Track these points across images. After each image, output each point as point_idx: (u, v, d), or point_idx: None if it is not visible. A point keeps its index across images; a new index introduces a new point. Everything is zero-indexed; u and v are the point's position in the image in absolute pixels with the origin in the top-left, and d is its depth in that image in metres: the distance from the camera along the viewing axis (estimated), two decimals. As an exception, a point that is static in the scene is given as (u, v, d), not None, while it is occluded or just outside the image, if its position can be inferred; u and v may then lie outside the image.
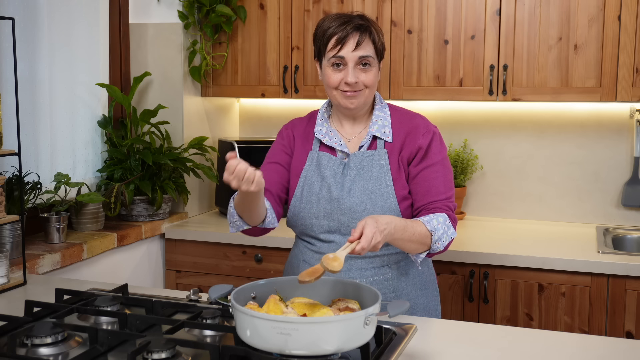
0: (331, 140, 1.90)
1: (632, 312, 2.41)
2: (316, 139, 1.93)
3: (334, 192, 1.84)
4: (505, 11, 2.75)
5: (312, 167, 1.90)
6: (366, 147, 1.88)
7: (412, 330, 1.53)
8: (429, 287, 1.95)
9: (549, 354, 1.48)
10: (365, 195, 1.83)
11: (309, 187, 1.88)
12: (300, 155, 1.94)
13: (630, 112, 2.94)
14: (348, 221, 1.83)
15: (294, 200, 1.90)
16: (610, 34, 2.64)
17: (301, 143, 1.96)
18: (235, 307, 1.32)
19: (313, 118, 1.99)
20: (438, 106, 3.19)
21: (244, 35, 3.11)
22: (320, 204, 1.86)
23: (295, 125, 2.01)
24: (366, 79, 1.82)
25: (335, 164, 1.88)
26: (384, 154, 1.86)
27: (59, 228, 2.43)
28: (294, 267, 1.96)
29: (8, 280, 1.97)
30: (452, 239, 1.81)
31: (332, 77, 1.82)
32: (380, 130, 1.88)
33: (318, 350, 1.26)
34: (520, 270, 2.52)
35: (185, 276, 2.98)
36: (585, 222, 3.06)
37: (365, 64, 1.81)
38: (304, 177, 1.90)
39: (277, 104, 3.40)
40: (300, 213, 1.88)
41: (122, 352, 1.43)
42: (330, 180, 1.86)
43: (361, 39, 1.80)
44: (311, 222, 1.87)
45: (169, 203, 2.97)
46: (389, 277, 1.86)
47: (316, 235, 1.89)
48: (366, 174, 1.85)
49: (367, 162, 1.86)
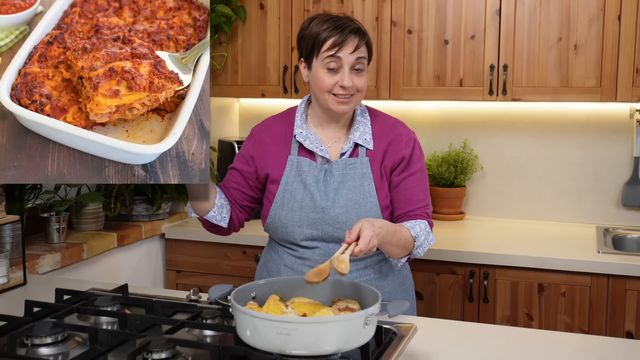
0: (312, 145, 1.87)
1: (632, 312, 2.41)
2: (295, 142, 1.89)
3: (318, 201, 1.83)
4: (505, 11, 2.75)
5: (292, 172, 1.87)
6: (348, 155, 1.87)
7: (412, 330, 1.53)
8: (406, 283, 1.99)
9: (549, 354, 1.48)
10: (349, 205, 1.82)
11: (290, 194, 1.86)
12: (278, 159, 1.91)
13: (630, 112, 2.94)
14: (332, 230, 1.83)
15: (274, 207, 1.88)
16: (610, 34, 2.64)
17: (277, 147, 1.92)
18: (235, 307, 1.32)
19: (290, 118, 1.94)
20: (438, 106, 3.19)
21: (244, 35, 3.11)
22: (304, 212, 1.84)
23: (270, 126, 1.96)
24: (359, 83, 1.80)
25: (316, 170, 1.86)
26: (366, 162, 1.85)
27: (59, 228, 2.43)
28: (272, 271, 1.94)
29: (8, 280, 1.97)
30: (431, 244, 1.86)
31: (326, 80, 1.79)
32: (362, 137, 1.87)
33: (318, 350, 1.26)
34: (520, 270, 2.52)
35: (185, 276, 2.98)
36: (585, 222, 3.06)
37: (360, 68, 1.80)
38: (284, 183, 1.87)
39: (277, 104, 3.40)
40: (281, 220, 1.87)
41: (122, 352, 1.43)
42: (313, 188, 1.84)
43: (360, 43, 1.79)
44: (293, 230, 1.86)
45: (169, 203, 2.97)
46: (372, 277, 1.89)
47: (297, 242, 1.88)
48: (349, 183, 1.84)
49: (349, 170, 1.84)
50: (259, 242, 2.79)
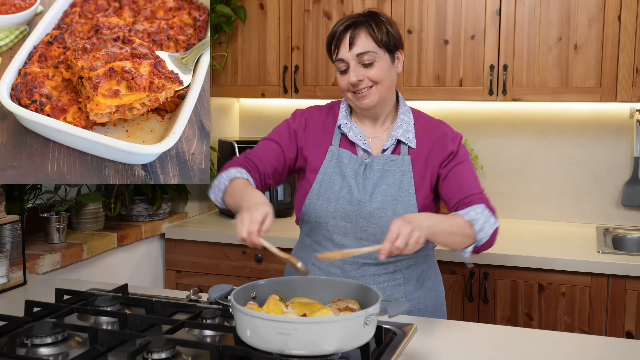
0: (355, 137, 1.84)
1: (632, 312, 2.41)
2: (337, 133, 1.87)
3: (356, 193, 1.80)
4: (505, 11, 2.75)
5: (332, 163, 1.84)
6: (390, 151, 1.84)
7: (412, 330, 1.54)
8: (436, 289, 1.94)
9: (549, 354, 1.48)
10: (387, 200, 1.79)
11: (327, 185, 1.83)
12: (318, 148, 1.88)
13: (630, 112, 2.94)
14: (366, 225, 1.80)
15: (311, 195, 1.84)
16: (610, 34, 2.64)
17: (318, 135, 1.89)
18: (235, 307, 1.32)
19: (334, 109, 1.92)
20: (438, 106, 3.19)
21: (244, 35, 3.11)
22: (339, 204, 1.81)
23: (313, 114, 1.93)
24: (370, 74, 1.76)
25: (357, 164, 1.82)
26: (408, 160, 1.82)
27: (59, 228, 2.43)
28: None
29: (8, 280, 1.97)
30: (495, 228, 1.75)
31: (340, 82, 1.81)
32: (405, 135, 1.83)
33: (318, 350, 1.26)
34: (520, 270, 2.52)
35: (185, 276, 2.98)
36: (585, 222, 3.06)
37: (367, 62, 1.76)
38: (323, 172, 1.84)
39: (277, 104, 3.40)
40: (316, 210, 1.83)
41: (122, 352, 1.43)
42: (352, 180, 1.81)
43: (353, 36, 1.76)
44: (327, 221, 1.82)
45: (169, 203, 2.98)
46: (401, 282, 1.85)
47: (330, 236, 1.84)
48: (389, 179, 1.80)
49: (390, 166, 1.81)
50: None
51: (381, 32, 1.77)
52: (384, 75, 1.78)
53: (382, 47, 1.78)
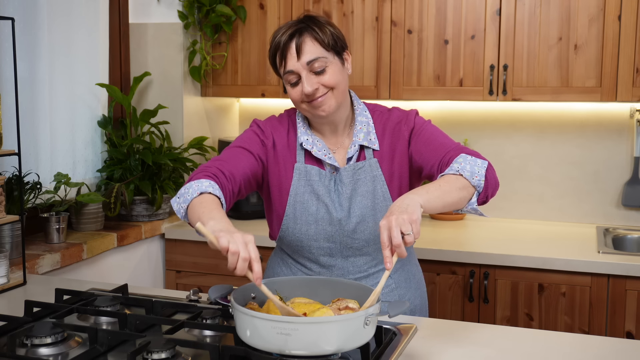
0: (320, 152, 1.76)
1: (632, 312, 2.41)
2: (301, 150, 1.78)
3: (334, 213, 1.75)
4: (505, 11, 2.75)
5: (302, 182, 1.76)
6: (355, 159, 1.77)
7: (412, 330, 1.54)
8: (421, 287, 1.94)
9: (549, 354, 1.48)
10: (366, 212, 1.75)
11: (302, 207, 1.76)
12: (284, 166, 1.79)
13: (630, 112, 2.94)
14: (350, 242, 1.77)
15: (287, 220, 1.78)
16: (610, 34, 2.64)
17: (284, 152, 1.80)
18: (235, 307, 1.32)
19: (292, 123, 1.83)
20: (438, 106, 3.19)
21: (244, 35, 3.11)
22: (320, 225, 1.76)
23: (276, 128, 1.83)
24: (325, 80, 1.68)
25: (327, 180, 1.76)
26: (375, 164, 1.76)
27: (58, 228, 2.43)
28: None
29: (8, 280, 1.97)
30: (486, 166, 1.62)
31: (293, 94, 1.71)
32: (367, 138, 1.77)
33: (318, 350, 1.26)
34: (520, 270, 2.52)
35: (185, 276, 2.98)
36: (585, 222, 3.06)
37: (318, 70, 1.67)
38: (294, 194, 1.76)
39: (277, 104, 3.40)
40: (296, 235, 1.78)
41: (122, 352, 1.43)
42: (326, 199, 1.75)
43: (299, 43, 1.66)
44: (309, 244, 1.78)
45: (168, 203, 2.97)
46: (393, 287, 1.84)
47: (315, 259, 1.81)
48: (361, 189, 1.75)
49: (359, 175, 1.76)
50: (259, 243, 2.77)
51: (326, 34, 1.69)
52: (338, 79, 1.70)
53: (331, 50, 1.69)
